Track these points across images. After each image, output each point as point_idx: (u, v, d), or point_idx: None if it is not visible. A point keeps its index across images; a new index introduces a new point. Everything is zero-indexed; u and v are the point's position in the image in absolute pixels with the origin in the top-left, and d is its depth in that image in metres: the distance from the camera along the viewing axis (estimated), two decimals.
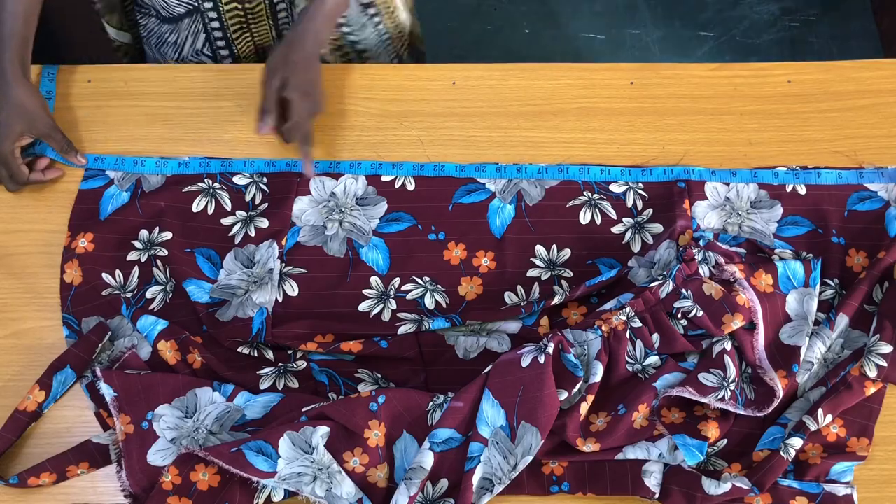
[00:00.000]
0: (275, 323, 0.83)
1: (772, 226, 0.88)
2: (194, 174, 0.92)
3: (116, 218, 0.89)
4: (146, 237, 0.88)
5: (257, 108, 0.91)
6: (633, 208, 0.90)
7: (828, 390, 0.79)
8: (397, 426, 0.77)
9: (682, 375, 0.79)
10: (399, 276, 0.87)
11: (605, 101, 0.97)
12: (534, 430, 0.75)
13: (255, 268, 0.87)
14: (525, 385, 0.76)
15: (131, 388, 0.79)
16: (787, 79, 0.98)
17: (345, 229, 0.89)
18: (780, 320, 0.81)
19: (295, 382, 0.82)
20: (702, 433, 0.76)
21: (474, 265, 0.87)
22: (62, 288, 0.86)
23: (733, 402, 0.76)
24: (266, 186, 0.92)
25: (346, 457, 0.76)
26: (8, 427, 0.79)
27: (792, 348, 0.80)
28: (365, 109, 0.98)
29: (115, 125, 0.97)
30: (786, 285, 0.82)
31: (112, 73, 1.00)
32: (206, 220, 0.90)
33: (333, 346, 0.81)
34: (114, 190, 0.91)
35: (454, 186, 0.91)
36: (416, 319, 0.83)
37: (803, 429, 0.76)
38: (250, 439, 0.75)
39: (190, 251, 0.87)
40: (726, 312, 0.79)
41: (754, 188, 0.90)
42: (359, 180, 0.92)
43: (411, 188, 0.91)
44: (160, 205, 0.90)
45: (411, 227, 0.89)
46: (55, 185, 0.93)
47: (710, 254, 0.82)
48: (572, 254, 0.88)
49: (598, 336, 0.79)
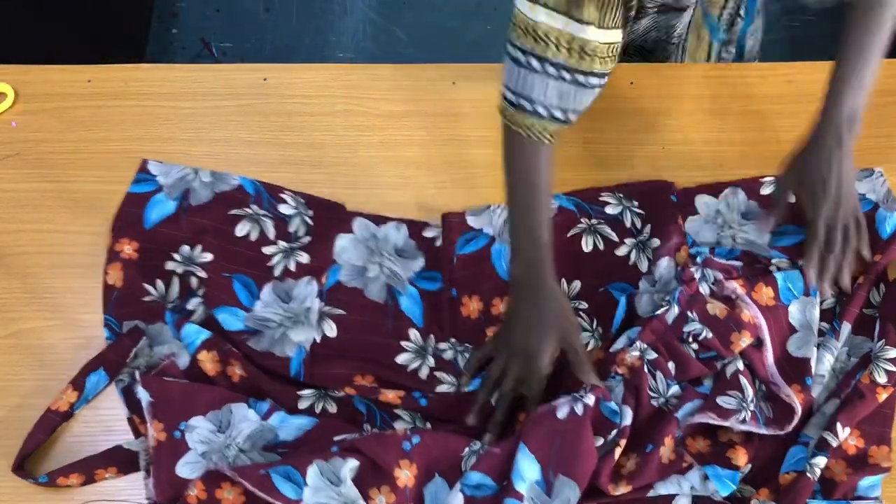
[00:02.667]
0: (312, 362, 0.82)
1: (765, 237, 0.88)
2: (242, 195, 0.91)
3: (161, 229, 0.88)
4: (188, 253, 0.87)
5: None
6: (632, 228, 0.89)
7: (841, 402, 0.78)
8: (430, 469, 0.76)
9: (700, 402, 0.78)
10: (434, 334, 0.85)
11: (605, 101, 0.96)
12: (572, 483, 0.73)
13: (292, 303, 0.85)
14: (562, 437, 0.74)
15: (168, 396, 0.78)
16: (788, 79, 0.98)
17: (385, 274, 0.88)
18: (786, 333, 0.81)
19: (334, 407, 0.81)
20: (732, 461, 0.75)
21: (493, 314, 0.86)
22: (105, 289, 0.86)
23: (755, 422, 0.75)
24: (311, 220, 0.90)
25: (372, 493, 0.74)
26: (39, 426, 0.79)
27: (801, 360, 0.79)
28: (365, 109, 0.98)
29: (115, 125, 0.97)
30: (786, 296, 0.82)
31: (112, 73, 1.00)
32: (248, 246, 0.88)
33: (373, 396, 0.79)
34: (161, 197, 0.90)
35: (453, 237, 0.89)
36: (453, 383, 0.82)
37: (825, 446, 0.76)
38: (279, 463, 0.74)
39: (228, 276, 0.86)
40: (733, 331, 0.78)
41: (744, 199, 0.90)
42: (401, 231, 0.90)
43: (438, 245, 0.89)
44: (205, 223, 0.88)
45: (440, 288, 0.87)
46: (56, 186, 0.93)
47: (708, 271, 0.82)
48: (583, 284, 0.86)
49: (619, 382, 0.78)
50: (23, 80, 0.99)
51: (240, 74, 1.00)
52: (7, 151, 0.95)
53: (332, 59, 1.90)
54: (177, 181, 0.91)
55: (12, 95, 0.98)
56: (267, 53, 1.89)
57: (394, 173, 0.94)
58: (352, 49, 1.94)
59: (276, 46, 1.91)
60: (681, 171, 0.93)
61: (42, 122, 0.97)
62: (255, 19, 1.95)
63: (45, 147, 0.95)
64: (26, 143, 0.96)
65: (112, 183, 0.93)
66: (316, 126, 0.97)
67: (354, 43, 1.95)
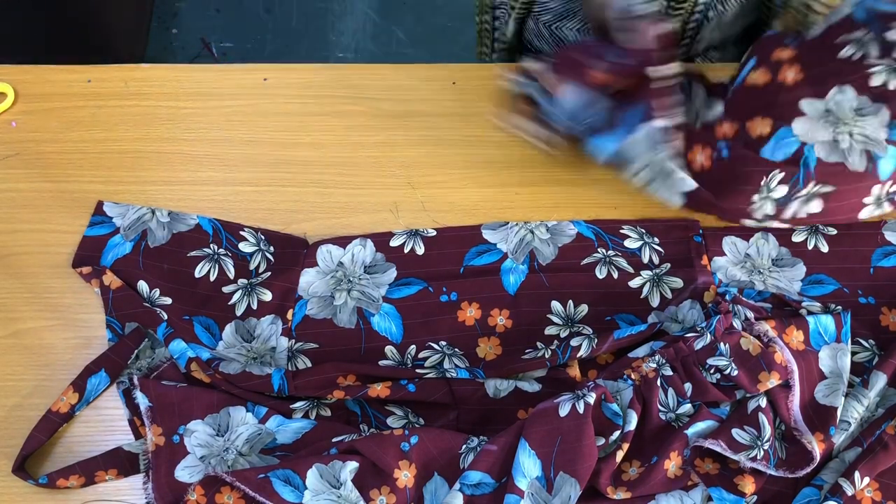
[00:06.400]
0: (294, 374, 0.81)
1: (795, 285, 0.86)
2: (200, 235, 0.89)
3: (118, 269, 0.87)
4: (146, 292, 0.86)
5: None
6: (650, 263, 0.88)
7: (864, 451, 0.76)
8: (428, 468, 0.76)
9: (714, 423, 0.77)
10: (415, 344, 0.84)
11: None
12: (573, 481, 0.73)
13: (254, 342, 0.84)
14: (563, 435, 0.74)
15: (166, 400, 0.78)
16: None
17: (354, 298, 0.87)
18: (816, 379, 0.79)
19: (328, 411, 0.81)
20: (738, 488, 0.74)
21: (490, 324, 0.85)
22: (102, 290, 0.86)
23: (765, 462, 0.74)
24: (272, 256, 0.89)
25: (372, 494, 0.74)
26: (40, 427, 0.79)
27: (828, 409, 0.78)
28: (365, 109, 0.98)
29: (115, 125, 0.97)
30: (817, 341, 0.80)
31: (112, 73, 1.00)
32: (207, 287, 0.87)
33: (361, 393, 0.79)
34: (118, 240, 0.89)
35: (465, 248, 0.89)
36: (439, 369, 0.81)
37: (839, 492, 0.74)
38: (278, 467, 0.74)
39: (188, 318, 0.85)
40: (763, 370, 0.77)
41: (774, 244, 0.88)
42: (367, 247, 0.89)
43: (421, 252, 0.89)
44: (163, 267, 0.88)
45: (422, 291, 0.87)
46: (56, 186, 0.93)
47: (739, 308, 0.80)
48: (590, 310, 0.85)
49: (629, 386, 0.78)
50: (23, 80, 0.99)
51: (240, 74, 1.00)
52: (7, 151, 0.95)
53: (332, 59, 1.90)
54: (133, 222, 0.90)
55: (12, 95, 0.98)
56: (267, 53, 1.89)
57: (394, 173, 0.94)
58: (352, 49, 1.94)
59: (276, 46, 1.92)
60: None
61: (42, 122, 0.97)
62: (255, 19, 1.96)
63: (45, 147, 0.95)
64: (26, 143, 0.96)
65: (112, 183, 0.93)
66: (316, 126, 0.97)
67: (354, 43, 1.95)
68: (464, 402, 0.81)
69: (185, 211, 0.91)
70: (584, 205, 0.92)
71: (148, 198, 0.92)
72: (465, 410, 0.81)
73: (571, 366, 0.81)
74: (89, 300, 0.87)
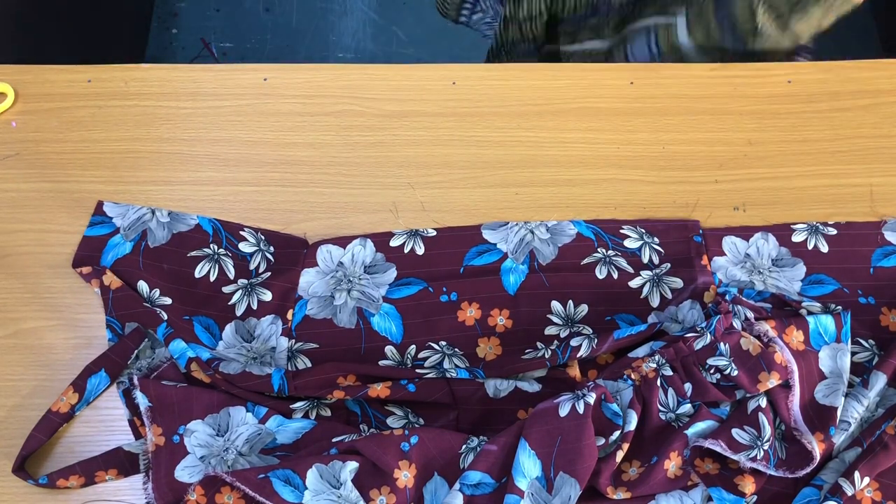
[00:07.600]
0: (294, 374, 0.81)
1: (795, 284, 0.86)
2: (200, 235, 0.89)
3: (118, 269, 0.87)
4: (146, 292, 0.86)
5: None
6: (649, 263, 0.88)
7: (864, 451, 0.76)
8: (428, 468, 0.76)
9: (714, 423, 0.77)
10: (415, 344, 0.84)
11: (605, 101, 0.97)
12: (572, 481, 0.73)
13: (254, 342, 0.84)
14: (563, 435, 0.74)
15: (166, 400, 0.78)
16: (787, 79, 0.98)
17: (353, 298, 0.86)
18: (816, 379, 0.79)
19: (328, 411, 0.81)
20: (738, 487, 0.74)
21: (490, 324, 0.85)
22: (102, 290, 0.85)
23: (765, 462, 0.74)
24: (272, 256, 0.89)
25: (372, 494, 0.74)
26: (40, 427, 0.79)
27: (828, 409, 0.77)
28: (365, 109, 0.98)
29: (115, 125, 0.97)
30: (817, 341, 0.80)
31: (112, 73, 1.00)
32: (207, 286, 0.87)
33: (362, 393, 0.79)
34: (118, 240, 0.89)
35: (465, 248, 0.89)
36: (439, 369, 0.81)
37: (839, 492, 0.74)
38: (278, 467, 0.74)
39: (188, 318, 0.85)
40: (763, 370, 0.76)
41: (774, 244, 0.89)
42: (367, 247, 0.89)
43: (421, 252, 0.89)
44: (163, 267, 0.88)
45: (422, 291, 0.87)
46: (56, 186, 0.93)
47: (739, 308, 0.80)
48: (590, 310, 0.85)
49: (629, 386, 0.78)
50: (23, 80, 0.99)
51: (240, 74, 1.00)
52: (7, 151, 0.95)
53: (332, 59, 1.90)
54: (133, 222, 0.90)
55: (12, 95, 0.98)
56: (267, 53, 1.89)
57: (394, 173, 0.94)
58: (352, 49, 1.94)
59: (276, 46, 1.92)
60: (681, 171, 0.93)
61: (42, 122, 0.97)
62: (255, 19, 1.96)
63: (45, 147, 0.95)
64: (26, 143, 0.96)
65: (112, 183, 0.93)
66: (316, 126, 0.97)
67: (354, 43, 1.95)
68: (464, 402, 0.80)
69: (185, 211, 0.91)
70: (584, 205, 0.92)
71: (148, 198, 0.92)
72: (465, 410, 0.80)
73: (571, 366, 0.81)
74: (89, 300, 0.87)
